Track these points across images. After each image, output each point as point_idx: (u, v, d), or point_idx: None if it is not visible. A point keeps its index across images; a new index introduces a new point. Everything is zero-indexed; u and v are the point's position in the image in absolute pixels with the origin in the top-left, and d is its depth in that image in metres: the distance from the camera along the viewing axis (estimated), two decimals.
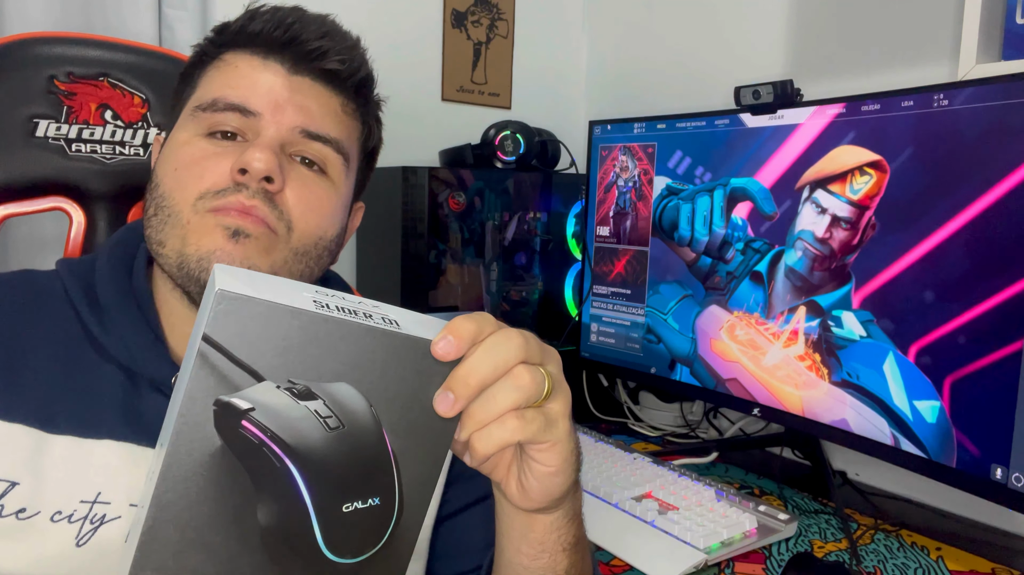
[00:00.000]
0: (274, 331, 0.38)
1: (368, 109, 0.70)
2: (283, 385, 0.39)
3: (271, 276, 0.42)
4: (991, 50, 1.01)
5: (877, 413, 0.97)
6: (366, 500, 0.42)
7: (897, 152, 0.95)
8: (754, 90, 1.11)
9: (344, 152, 0.65)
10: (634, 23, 1.72)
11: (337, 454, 0.41)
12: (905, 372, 0.94)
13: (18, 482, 0.57)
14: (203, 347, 0.37)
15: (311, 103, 0.63)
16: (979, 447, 0.86)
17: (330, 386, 0.40)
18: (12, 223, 0.97)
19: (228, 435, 0.39)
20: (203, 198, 0.59)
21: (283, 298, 0.38)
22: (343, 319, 0.39)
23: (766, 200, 1.11)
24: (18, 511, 0.56)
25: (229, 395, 0.38)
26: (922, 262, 0.92)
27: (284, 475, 0.40)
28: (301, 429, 0.40)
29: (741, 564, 0.89)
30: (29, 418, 0.58)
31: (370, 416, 0.41)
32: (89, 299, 0.63)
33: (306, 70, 0.64)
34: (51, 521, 0.57)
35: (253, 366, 0.38)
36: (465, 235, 1.44)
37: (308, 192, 0.63)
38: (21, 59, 0.85)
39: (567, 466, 0.48)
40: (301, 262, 0.63)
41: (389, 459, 0.42)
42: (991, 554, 0.94)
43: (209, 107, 0.62)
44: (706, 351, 1.21)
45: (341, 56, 0.64)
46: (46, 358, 0.60)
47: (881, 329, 0.97)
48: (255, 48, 0.63)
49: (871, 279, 0.98)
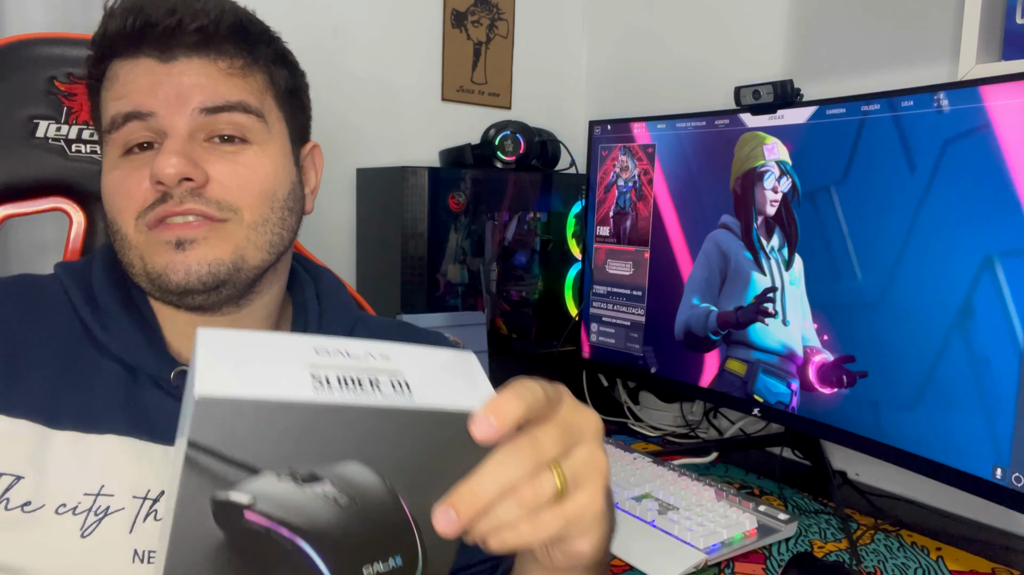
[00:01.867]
0: (267, 427, 0.34)
1: (257, 55, 0.66)
2: (284, 474, 0.36)
3: (262, 337, 0.38)
4: (991, 50, 1.01)
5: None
6: (387, 560, 0.40)
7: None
8: (754, 90, 1.11)
9: (253, 110, 0.63)
10: (634, 23, 1.72)
11: (351, 527, 0.39)
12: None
13: (23, 476, 0.57)
14: (189, 452, 0.34)
15: (195, 79, 0.61)
16: (979, 447, 0.86)
17: (337, 466, 0.37)
18: (12, 225, 0.97)
19: (231, 529, 0.36)
20: (139, 217, 0.61)
21: (274, 385, 0.34)
22: (343, 404, 0.35)
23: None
24: (23, 504, 0.57)
25: (225, 491, 0.35)
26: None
27: (297, 553, 0.38)
28: (309, 511, 0.37)
29: (741, 564, 0.89)
30: (32, 414, 0.59)
31: (383, 488, 0.38)
32: (88, 300, 0.65)
33: (174, 50, 0.61)
34: (56, 513, 0.57)
35: (248, 462, 0.35)
36: (465, 235, 1.44)
37: (233, 167, 0.62)
38: (21, 60, 0.85)
39: (599, 549, 0.45)
40: (263, 232, 0.63)
41: (409, 523, 0.40)
42: (991, 554, 0.94)
43: (111, 127, 0.62)
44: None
45: (197, 21, 0.61)
46: (48, 356, 0.62)
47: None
48: (123, 52, 0.62)
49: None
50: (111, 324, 0.63)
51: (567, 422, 0.42)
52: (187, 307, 0.63)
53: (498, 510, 0.39)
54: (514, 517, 0.40)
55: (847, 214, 1.01)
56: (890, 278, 0.96)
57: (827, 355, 1.04)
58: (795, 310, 1.08)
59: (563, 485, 0.40)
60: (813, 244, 1.06)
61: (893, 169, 0.96)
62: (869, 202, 0.99)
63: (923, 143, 0.92)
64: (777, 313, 1.11)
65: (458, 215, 1.42)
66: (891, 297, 0.96)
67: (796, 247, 1.08)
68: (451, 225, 1.42)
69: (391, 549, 0.40)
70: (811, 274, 1.06)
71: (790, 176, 1.08)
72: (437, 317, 1.33)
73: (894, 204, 0.96)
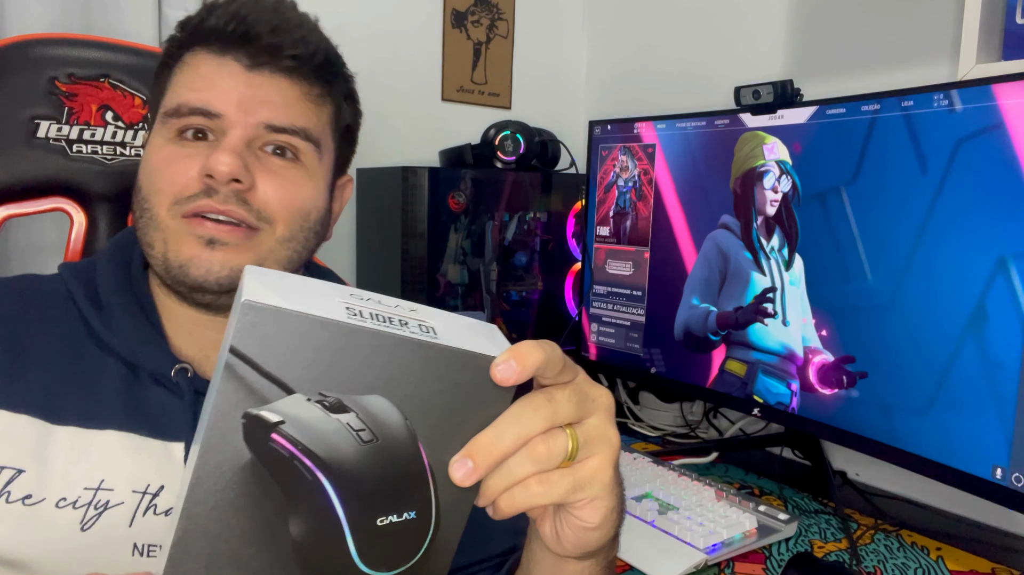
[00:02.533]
0: (303, 343, 0.36)
1: (334, 88, 0.69)
2: (314, 398, 0.38)
3: (303, 279, 0.41)
4: (991, 50, 1.01)
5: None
6: (401, 514, 0.41)
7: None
8: (754, 90, 1.11)
9: (313, 139, 0.66)
10: (634, 23, 1.72)
11: (371, 468, 0.39)
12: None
13: (24, 470, 0.58)
14: (230, 359, 0.36)
15: (273, 96, 0.63)
16: (979, 447, 0.87)
17: (363, 398, 0.39)
18: (13, 226, 0.98)
19: (258, 448, 0.38)
20: (177, 203, 0.61)
21: (313, 308, 0.37)
22: (376, 329, 0.37)
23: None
24: (24, 497, 0.58)
25: (258, 408, 0.37)
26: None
27: (317, 489, 0.39)
28: (333, 442, 0.38)
29: (741, 564, 0.89)
30: (34, 409, 0.60)
31: (405, 429, 0.40)
32: (91, 298, 0.65)
33: (264, 65, 0.63)
34: (56, 507, 0.58)
35: (282, 378, 0.37)
36: (465, 235, 1.44)
37: (280, 182, 0.63)
38: (22, 60, 0.85)
39: (606, 522, 0.45)
40: (287, 248, 0.65)
41: (425, 473, 0.41)
42: (991, 554, 0.94)
43: (174, 113, 0.63)
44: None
45: (296, 50, 0.64)
46: (50, 352, 0.62)
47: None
48: (211, 46, 0.64)
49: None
50: (114, 322, 0.64)
51: (583, 390, 0.43)
52: (194, 302, 0.64)
53: (512, 464, 0.41)
54: (527, 472, 0.41)
55: (857, 215, 1.00)
56: (901, 280, 0.95)
57: (827, 355, 1.04)
58: (795, 310, 1.09)
59: (575, 447, 0.42)
60: (822, 245, 1.05)
61: (904, 169, 0.94)
62: (880, 203, 0.97)
63: (935, 143, 0.91)
64: (776, 313, 1.11)
65: (458, 215, 1.42)
66: (902, 299, 0.95)
67: (796, 247, 1.08)
68: (451, 225, 1.42)
69: (407, 501, 0.41)
70: (819, 275, 1.06)
71: (790, 176, 1.08)
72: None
73: (905, 205, 0.95)
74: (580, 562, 0.50)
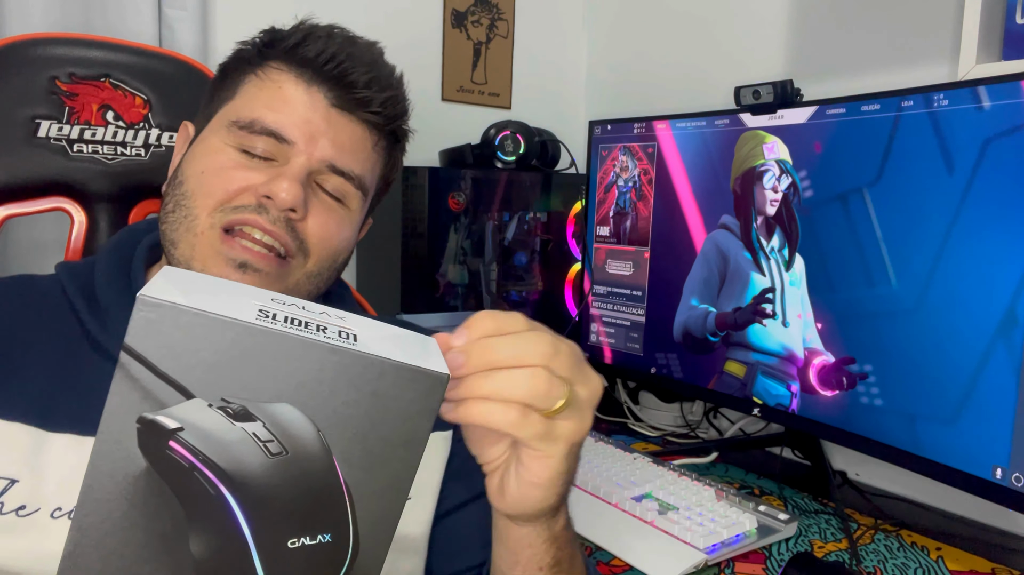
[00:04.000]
0: (204, 343, 0.34)
1: (398, 145, 0.73)
2: (216, 403, 0.35)
3: (222, 281, 0.39)
4: (991, 50, 1.01)
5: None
6: (315, 536, 0.38)
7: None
8: (754, 90, 1.11)
9: (364, 188, 0.67)
10: (634, 23, 1.72)
11: (280, 483, 0.36)
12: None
13: (18, 479, 0.57)
14: (123, 358, 0.33)
15: (344, 139, 0.65)
16: (979, 447, 0.87)
17: (270, 406, 0.36)
18: (13, 225, 0.97)
19: (154, 456, 0.35)
20: (222, 209, 0.61)
21: (218, 307, 0.34)
22: (284, 332, 0.34)
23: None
24: (18, 508, 0.57)
25: (154, 412, 0.34)
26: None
27: (219, 504, 0.36)
28: (237, 453, 0.35)
29: (741, 564, 0.89)
30: (28, 416, 0.58)
31: (318, 442, 0.36)
32: (88, 300, 0.64)
33: (347, 108, 0.65)
34: (51, 517, 0.57)
35: (181, 381, 0.34)
36: (465, 235, 1.44)
37: (327, 221, 0.64)
38: (23, 60, 0.85)
39: (551, 484, 0.47)
40: (313, 282, 0.66)
41: (341, 491, 0.38)
42: (991, 554, 0.94)
43: (246, 127, 0.63)
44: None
45: (384, 109, 0.66)
46: (45, 357, 0.61)
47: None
48: (302, 71, 0.64)
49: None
50: (112, 324, 0.63)
51: (583, 364, 0.46)
52: None
53: (513, 378, 0.41)
54: (517, 397, 0.42)
55: (881, 217, 0.97)
56: (927, 284, 0.92)
57: (828, 356, 1.04)
58: (795, 311, 1.09)
59: (564, 405, 0.43)
60: (843, 248, 1.02)
61: (930, 170, 0.92)
62: (905, 204, 0.95)
63: (962, 142, 0.89)
64: (776, 314, 1.11)
65: (458, 215, 1.42)
66: (928, 304, 0.92)
67: (797, 247, 1.08)
68: (451, 225, 1.42)
69: (320, 522, 0.38)
70: (837, 280, 1.03)
71: (791, 175, 1.08)
72: (437, 317, 1.33)
73: (931, 206, 0.92)
74: (520, 527, 0.51)
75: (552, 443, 0.45)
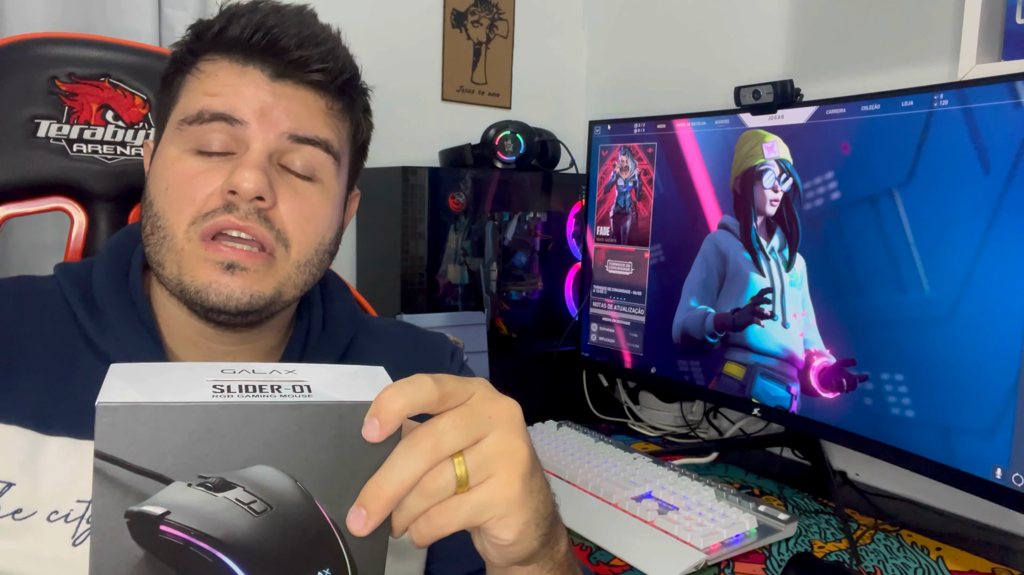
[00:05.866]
0: (170, 432, 0.36)
1: (355, 104, 0.68)
2: (195, 482, 0.37)
3: (170, 366, 0.40)
4: (991, 50, 1.01)
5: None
6: (315, 573, 0.40)
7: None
8: (754, 90, 1.11)
9: (334, 152, 0.64)
10: (634, 23, 1.72)
11: (269, 536, 0.39)
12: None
13: (14, 483, 0.57)
14: (98, 463, 0.35)
15: (297, 107, 0.62)
16: (979, 447, 0.86)
17: (246, 471, 0.38)
18: (13, 226, 0.98)
19: (149, 544, 0.37)
20: (195, 222, 0.59)
21: (175, 395, 0.36)
22: (242, 402, 0.37)
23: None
24: (14, 511, 0.56)
25: (139, 504, 0.36)
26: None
27: (221, 570, 0.38)
28: (224, 520, 0.38)
29: (741, 564, 0.89)
30: (25, 419, 0.58)
31: (297, 491, 0.39)
32: (86, 302, 0.63)
33: (289, 76, 0.62)
34: (47, 521, 0.57)
35: (157, 470, 0.36)
36: (465, 235, 1.44)
37: (301, 203, 0.62)
38: (22, 60, 0.85)
39: (522, 537, 0.45)
40: (304, 272, 0.63)
41: (330, 528, 0.40)
42: (991, 554, 0.94)
43: (195, 119, 0.60)
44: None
45: (323, 64, 0.63)
46: (43, 360, 0.61)
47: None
48: (233, 54, 0.62)
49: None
50: (109, 327, 0.62)
51: (474, 412, 0.42)
52: (207, 320, 0.62)
53: (407, 502, 0.41)
54: (423, 507, 0.41)
55: (912, 220, 0.94)
56: (961, 291, 0.88)
57: (829, 358, 1.04)
58: (796, 312, 1.08)
59: (464, 474, 0.42)
60: (871, 253, 0.98)
61: (965, 170, 0.88)
62: (938, 206, 0.91)
63: (999, 141, 0.85)
64: (775, 315, 1.11)
65: (458, 215, 1.42)
66: (962, 312, 0.88)
67: (798, 247, 1.08)
68: (451, 225, 1.42)
69: (317, 560, 0.40)
70: (870, 287, 0.99)
71: (791, 175, 1.08)
72: (437, 317, 1.33)
73: (967, 208, 0.88)
74: (523, 567, 0.50)
75: (489, 509, 0.43)
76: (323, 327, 0.72)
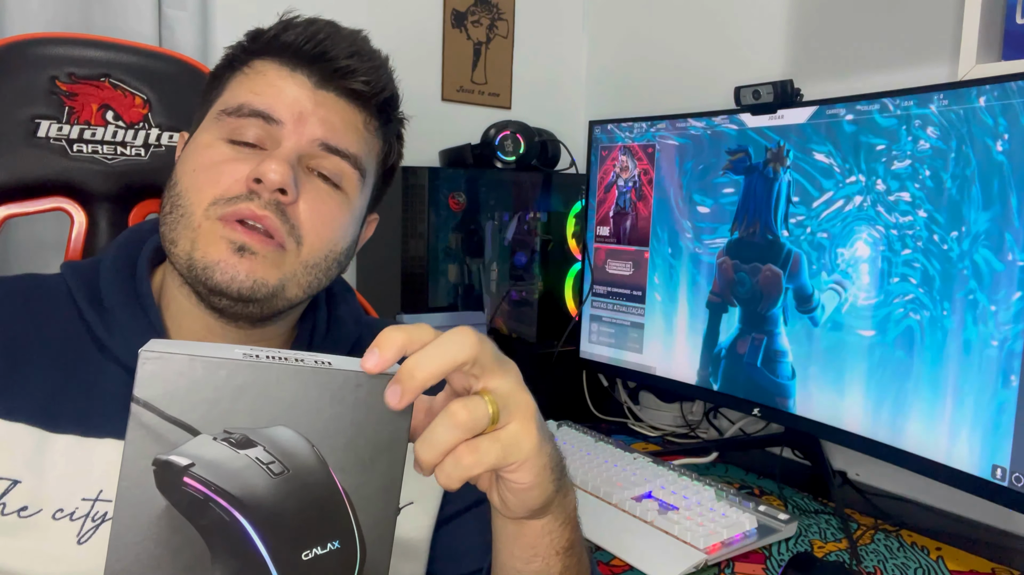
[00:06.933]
0: (202, 384, 0.39)
1: (390, 127, 0.71)
2: (219, 436, 0.39)
3: (205, 344, 0.43)
4: (991, 50, 1.01)
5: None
6: (325, 545, 0.41)
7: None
8: (754, 90, 1.11)
9: (361, 168, 0.66)
10: (634, 23, 1.72)
11: (286, 500, 0.40)
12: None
13: (20, 480, 0.57)
14: (135, 408, 0.38)
15: (334, 117, 0.64)
16: (979, 447, 0.86)
17: (268, 431, 0.40)
18: (13, 225, 0.98)
19: (172, 494, 0.39)
20: (216, 203, 0.60)
21: (210, 352, 0.39)
22: (270, 363, 0.40)
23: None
24: (20, 509, 0.57)
25: (167, 453, 0.38)
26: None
27: (236, 529, 0.39)
28: (245, 478, 0.39)
29: (741, 564, 0.89)
30: (31, 417, 0.58)
31: (313, 456, 0.41)
32: (93, 300, 0.64)
33: (332, 86, 0.64)
34: (53, 519, 0.57)
35: (186, 421, 0.38)
36: (465, 235, 1.44)
37: (321, 205, 0.63)
38: (23, 60, 0.85)
39: (541, 480, 0.48)
40: (310, 274, 0.64)
41: (342, 498, 0.41)
42: (991, 554, 0.94)
43: (234, 112, 0.62)
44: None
45: (367, 76, 0.65)
46: (49, 358, 0.61)
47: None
48: (284, 58, 0.64)
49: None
50: (116, 325, 0.63)
51: (486, 367, 0.45)
52: (210, 305, 0.62)
53: (438, 433, 0.42)
54: (454, 439, 0.43)
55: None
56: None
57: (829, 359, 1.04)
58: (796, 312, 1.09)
59: (496, 411, 0.44)
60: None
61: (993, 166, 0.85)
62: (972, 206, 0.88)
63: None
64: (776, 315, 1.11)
65: (458, 215, 1.42)
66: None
67: None
68: (451, 225, 1.42)
69: (328, 530, 0.41)
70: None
71: (791, 175, 1.08)
72: (437, 317, 1.33)
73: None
74: (538, 520, 0.52)
75: (515, 450, 0.45)
76: (327, 330, 0.72)
